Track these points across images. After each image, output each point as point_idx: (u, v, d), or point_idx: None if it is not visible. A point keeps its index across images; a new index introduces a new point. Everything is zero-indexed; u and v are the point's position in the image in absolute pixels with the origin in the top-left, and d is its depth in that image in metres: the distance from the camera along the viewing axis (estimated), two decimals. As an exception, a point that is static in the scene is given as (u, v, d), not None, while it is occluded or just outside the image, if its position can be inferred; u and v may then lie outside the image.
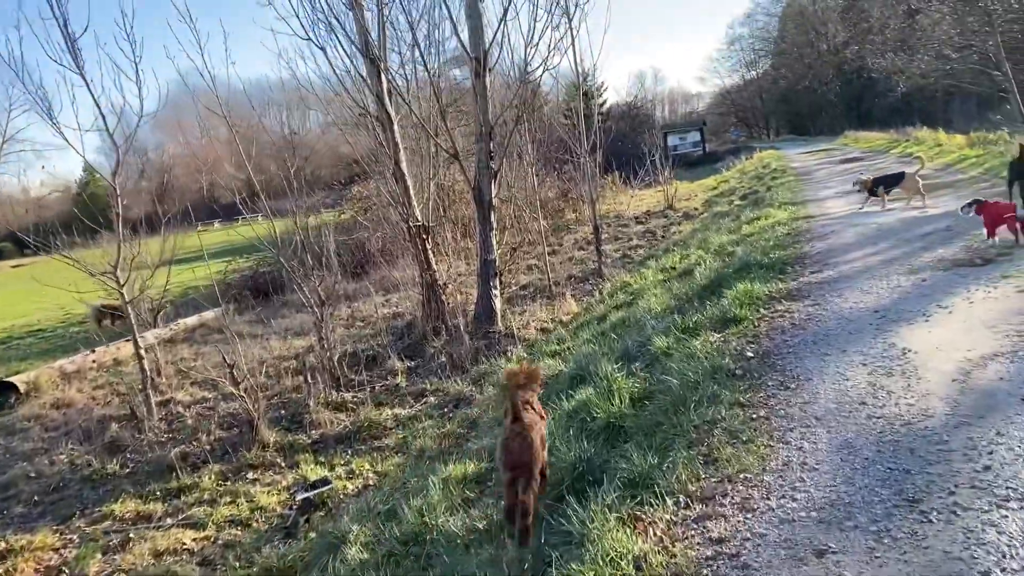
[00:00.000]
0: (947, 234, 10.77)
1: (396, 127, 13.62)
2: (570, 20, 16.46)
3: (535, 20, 13.09)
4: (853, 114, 63.18)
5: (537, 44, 13.19)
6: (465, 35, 12.90)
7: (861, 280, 8.78)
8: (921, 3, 37.66)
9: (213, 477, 8.96)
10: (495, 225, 13.18)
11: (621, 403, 6.19)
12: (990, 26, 31.32)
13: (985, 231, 9.61)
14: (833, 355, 6.33)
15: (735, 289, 8.71)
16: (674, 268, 14.05)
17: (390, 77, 13.83)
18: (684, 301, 9.77)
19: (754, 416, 5.35)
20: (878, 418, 4.95)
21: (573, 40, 16.71)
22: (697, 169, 52.91)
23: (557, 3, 14.32)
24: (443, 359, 12.02)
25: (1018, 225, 9.15)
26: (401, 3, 14.35)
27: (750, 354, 6.71)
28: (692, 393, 5.84)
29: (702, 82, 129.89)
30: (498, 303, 13.18)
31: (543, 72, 14.15)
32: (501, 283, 13.55)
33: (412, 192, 13.85)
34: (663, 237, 22.49)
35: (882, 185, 14.83)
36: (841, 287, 8.61)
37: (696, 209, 27.03)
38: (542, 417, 5.12)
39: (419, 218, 13.83)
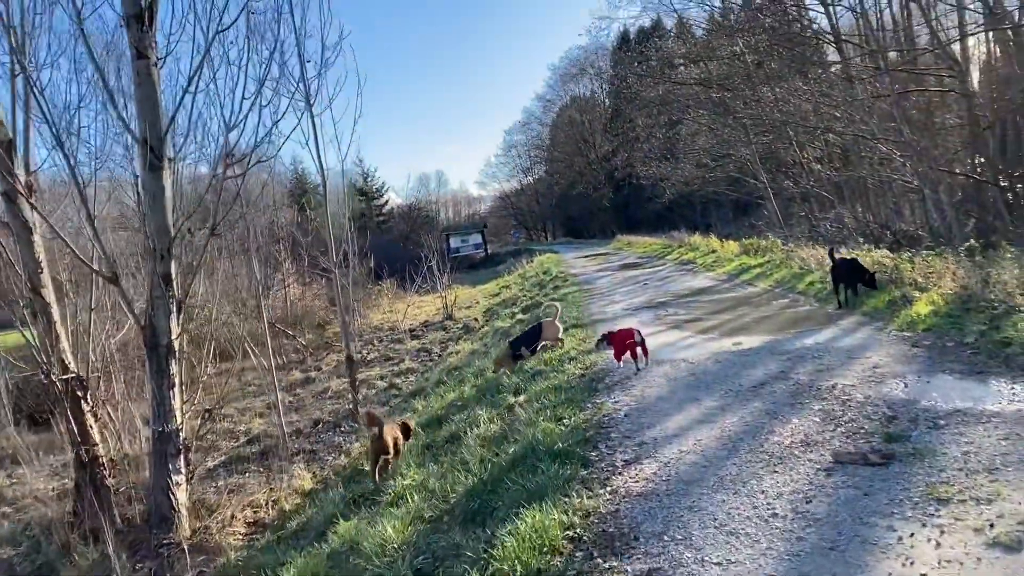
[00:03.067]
0: (786, 385, 7.84)
1: (38, 237, 9.18)
2: (310, 105, 12.88)
3: (236, 90, 9.23)
4: (623, 218, 64.07)
5: (242, 126, 9.25)
6: (130, 109, 8.82)
7: (706, 492, 5.39)
8: (681, 114, 37.94)
9: None
10: (176, 380, 8.84)
11: None
12: (746, 137, 31.35)
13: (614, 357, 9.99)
14: None
15: (516, 530, 5.03)
16: (439, 420, 10.42)
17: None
18: (438, 527, 6.03)
19: None
20: None
21: (315, 126, 13.11)
22: (480, 271, 50.56)
23: (278, 77, 10.57)
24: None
25: (639, 350, 9.77)
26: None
27: None
28: None
29: (482, 186, 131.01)
30: (181, 495, 8.75)
31: (254, 163, 10.16)
32: (189, 463, 9.14)
33: (60, 328, 9.34)
34: (439, 356, 18.88)
35: (523, 345, 11.93)
36: (680, 512, 5.14)
37: (476, 320, 23.77)
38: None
39: (71, 367, 9.29)
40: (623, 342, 9.81)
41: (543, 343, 11.96)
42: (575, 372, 10.19)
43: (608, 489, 5.76)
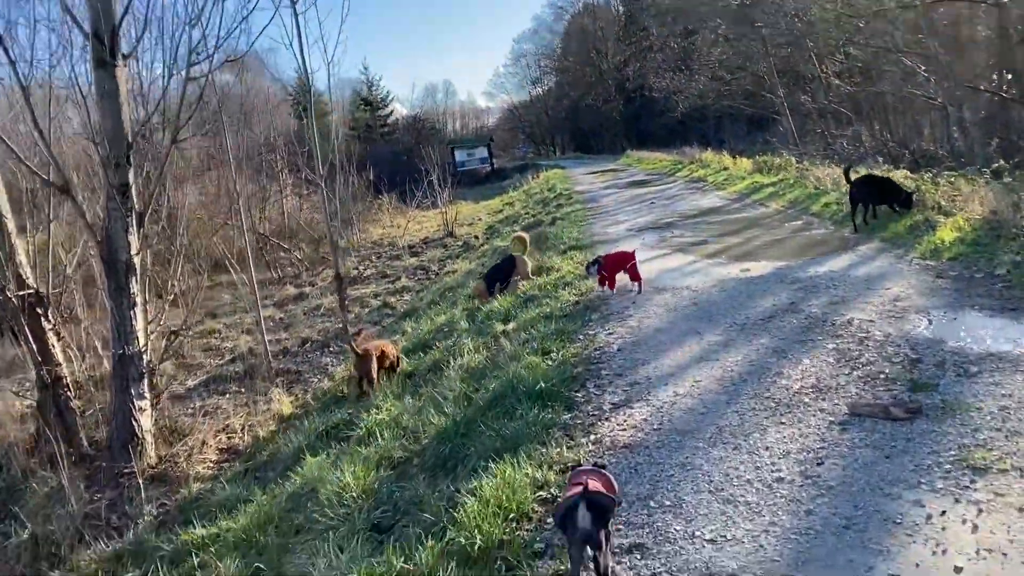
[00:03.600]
0: (797, 319, 7.11)
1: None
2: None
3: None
4: (634, 132, 62.30)
5: (204, 23, 8.29)
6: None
7: (702, 445, 4.73)
8: (698, 24, 36.26)
9: None
10: (138, 299, 8.17)
11: None
12: (764, 48, 29.88)
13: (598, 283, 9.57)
14: None
15: (481, 489, 4.39)
16: (425, 345, 9.80)
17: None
18: (406, 472, 5.43)
19: None
20: None
21: (298, 24, 12.03)
22: (485, 186, 49.38)
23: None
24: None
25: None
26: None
27: None
28: None
29: (490, 98, 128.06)
30: (146, 421, 8.20)
31: (219, 63, 9.23)
32: (154, 387, 8.57)
33: (16, 240, 8.64)
34: (436, 275, 18.18)
35: (497, 281, 11.28)
36: (671, 471, 4.48)
37: (476, 237, 22.98)
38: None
39: (29, 282, 8.63)
40: (618, 266, 9.31)
41: (516, 278, 11.25)
42: (569, 299, 9.46)
43: (591, 439, 5.11)
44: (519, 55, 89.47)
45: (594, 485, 3.51)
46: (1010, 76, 19.19)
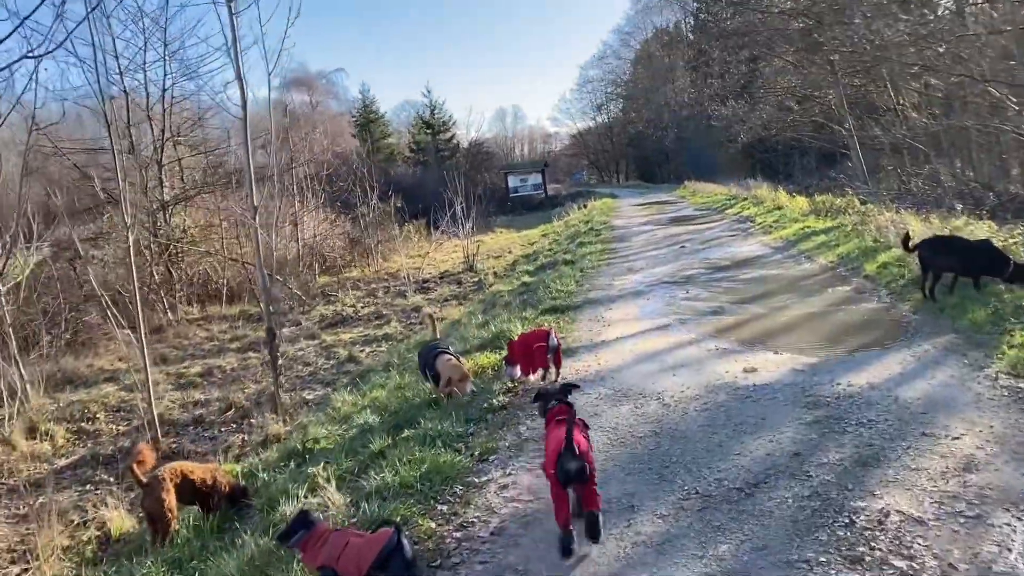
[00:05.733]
0: (796, 497, 4.20)
1: None
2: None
3: None
4: (697, 163, 58.87)
5: None
6: None
7: None
8: (763, 51, 33.09)
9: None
10: None
11: None
12: (833, 76, 26.61)
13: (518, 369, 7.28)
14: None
15: None
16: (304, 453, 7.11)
17: None
18: None
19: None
20: None
21: (233, 26, 9.72)
22: (537, 213, 46.76)
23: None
24: None
25: (550, 357, 7.03)
26: None
27: None
28: None
29: (556, 123, 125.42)
30: None
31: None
32: None
33: None
34: (427, 321, 15.47)
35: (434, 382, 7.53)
36: None
37: (494, 275, 20.36)
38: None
39: None
40: (527, 347, 7.16)
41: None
42: (494, 402, 6.66)
43: None
44: (586, 80, 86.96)
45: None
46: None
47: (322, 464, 5.52)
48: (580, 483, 3.91)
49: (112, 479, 8.54)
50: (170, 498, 5.54)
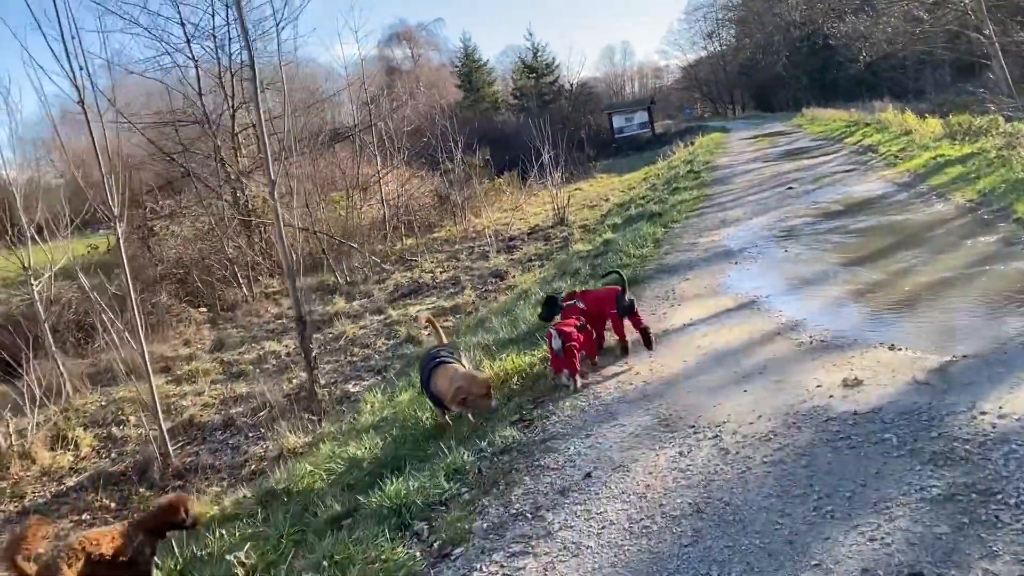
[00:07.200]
0: None
1: None
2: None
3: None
4: (817, 87, 53.90)
5: None
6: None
7: None
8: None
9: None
10: None
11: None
12: (969, -26, 22.88)
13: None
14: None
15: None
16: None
17: None
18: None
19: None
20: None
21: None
22: (644, 153, 43.86)
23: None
24: None
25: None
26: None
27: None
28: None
29: (664, 55, 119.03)
30: None
31: None
32: None
33: None
34: (505, 291, 13.82)
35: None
36: None
37: (584, 228, 18.50)
38: None
39: None
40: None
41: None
42: (485, 441, 4.98)
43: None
44: (694, 7, 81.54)
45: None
46: None
47: (246, 549, 4.00)
48: (631, 314, 6.02)
49: (112, 504, 7.49)
50: (68, 583, 4.22)
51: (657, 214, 14.08)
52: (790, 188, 14.38)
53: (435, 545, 3.73)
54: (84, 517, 7.34)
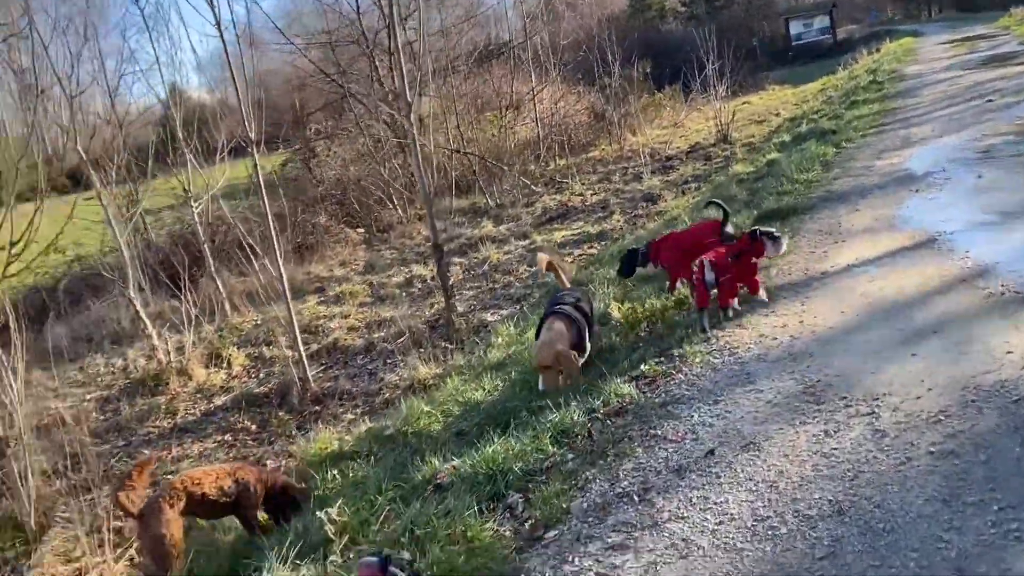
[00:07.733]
0: None
1: None
2: None
3: None
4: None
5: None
6: None
7: None
8: None
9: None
10: None
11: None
12: None
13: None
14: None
15: None
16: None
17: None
18: None
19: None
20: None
21: None
22: (824, 62, 40.20)
23: None
24: None
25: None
26: None
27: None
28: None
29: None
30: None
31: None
32: None
33: None
34: (655, 216, 12.98)
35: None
36: None
37: (750, 147, 17.15)
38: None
39: None
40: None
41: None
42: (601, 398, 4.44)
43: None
44: None
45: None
46: None
47: (337, 505, 3.75)
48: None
49: (253, 427, 7.69)
50: (171, 530, 4.21)
51: (830, 131, 12.63)
52: (989, 101, 12.47)
53: (527, 524, 3.31)
54: (227, 438, 7.60)
